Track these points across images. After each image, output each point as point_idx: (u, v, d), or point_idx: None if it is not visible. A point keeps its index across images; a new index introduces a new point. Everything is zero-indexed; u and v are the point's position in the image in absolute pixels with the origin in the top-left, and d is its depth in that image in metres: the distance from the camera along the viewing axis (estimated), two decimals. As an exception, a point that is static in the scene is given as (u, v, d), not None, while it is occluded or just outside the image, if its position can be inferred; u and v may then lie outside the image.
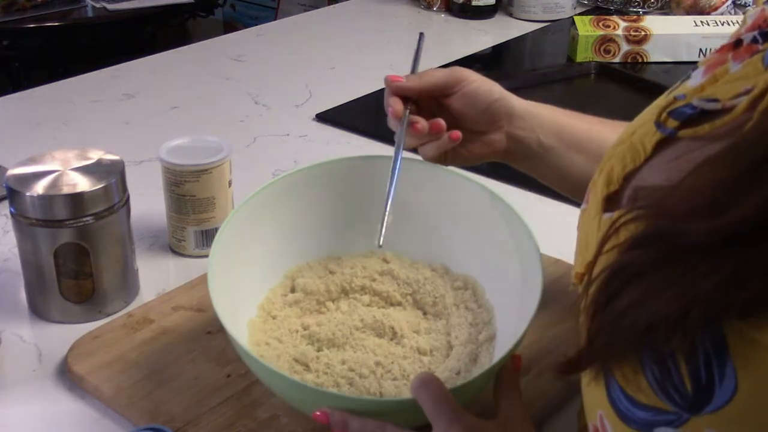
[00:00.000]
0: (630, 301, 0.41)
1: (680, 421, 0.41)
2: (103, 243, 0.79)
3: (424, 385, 0.57)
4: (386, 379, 0.67)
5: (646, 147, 0.51)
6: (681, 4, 1.71)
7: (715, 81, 0.50)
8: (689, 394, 0.41)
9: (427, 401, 0.56)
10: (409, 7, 1.83)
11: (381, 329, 0.72)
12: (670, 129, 0.50)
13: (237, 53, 1.54)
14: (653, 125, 0.51)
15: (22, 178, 0.78)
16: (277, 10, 3.02)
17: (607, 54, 1.50)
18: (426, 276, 0.77)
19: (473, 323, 0.73)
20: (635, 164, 0.51)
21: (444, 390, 0.56)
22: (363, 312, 0.74)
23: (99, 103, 1.31)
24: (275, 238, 0.76)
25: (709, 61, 0.53)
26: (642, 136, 0.52)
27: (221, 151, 0.90)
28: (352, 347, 0.70)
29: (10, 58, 2.33)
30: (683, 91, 0.52)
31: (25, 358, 0.77)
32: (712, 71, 0.51)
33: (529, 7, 1.74)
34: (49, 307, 0.81)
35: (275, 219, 0.76)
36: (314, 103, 1.32)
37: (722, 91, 0.48)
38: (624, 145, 0.53)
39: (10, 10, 2.29)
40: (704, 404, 0.40)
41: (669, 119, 0.50)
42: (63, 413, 0.71)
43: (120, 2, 2.41)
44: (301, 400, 0.63)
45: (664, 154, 0.50)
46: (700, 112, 0.49)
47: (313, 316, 0.75)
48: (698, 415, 0.40)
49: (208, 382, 0.71)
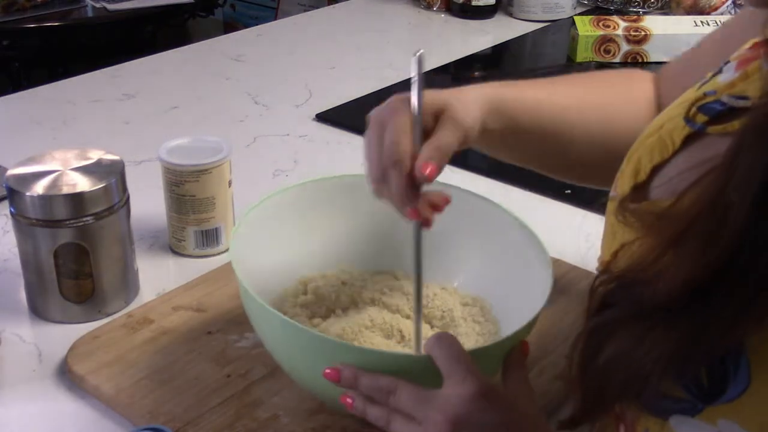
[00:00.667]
0: (610, 356, 0.43)
1: (695, 410, 0.43)
2: (103, 243, 0.79)
3: (439, 342, 0.56)
4: None
5: (675, 141, 0.51)
6: (681, 4, 1.71)
7: (747, 78, 0.50)
8: (705, 386, 0.42)
9: (441, 356, 0.55)
10: (409, 7, 1.83)
11: (389, 331, 0.72)
12: (700, 124, 0.50)
13: (237, 53, 1.54)
14: (682, 120, 0.51)
15: (22, 178, 0.78)
16: (277, 10, 3.02)
17: (607, 54, 1.50)
18: (435, 292, 0.77)
19: (480, 333, 0.73)
20: (663, 157, 0.52)
21: (460, 347, 0.56)
22: (372, 312, 0.74)
23: (99, 103, 1.31)
24: (294, 242, 0.76)
25: (741, 56, 0.53)
26: (671, 130, 0.52)
27: (221, 151, 0.90)
28: (359, 343, 0.70)
29: (10, 58, 2.33)
30: (714, 86, 0.52)
31: (25, 358, 0.77)
32: (744, 67, 0.51)
33: (529, 7, 1.74)
34: (49, 307, 0.81)
35: (297, 221, 0.76)
36: (314, 103, 1.31)
37: (753, 89, 0.48)
38: (653, 137, 0.53)
39: (10, 10, 2.29)
40: (719, 395, 0.41)
41: (698, 114, 0.50)
42: (63, 413, 0.71)
43: (120, 2, 2.41)
44: (313, 355, 0.61)
45: (693, 149, 0.50)
46: (729, 108, 0.49)
47: (322, 319, 0.75)
48: (713, 405, 0.42)
49: (208, 382, 0.71)
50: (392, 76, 1.42)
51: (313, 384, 0.64)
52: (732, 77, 0.51)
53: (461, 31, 1.72)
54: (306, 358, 0.62)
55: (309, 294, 0.76)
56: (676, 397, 0.43)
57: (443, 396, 0.54)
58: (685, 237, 0.41)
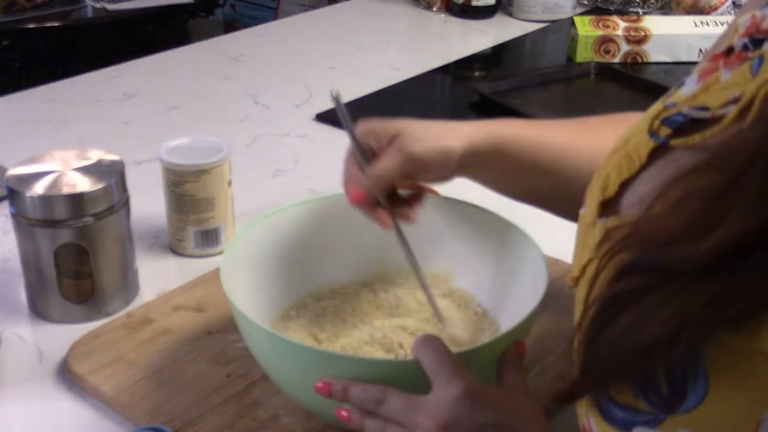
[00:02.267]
0: (626, 325, 0.42)
1: (657, 420, 0.43)
2: (103, 243, 0.79)
3: (424, 344, 0.55)
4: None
5: (641, 155, 0.51)
6: (681, 4, 1.71)
7: (707, 89, 0.50)
8: (664, 395, 0.42)
9: (427, 360, 0.55)
10: (409, 7, 1.83)
11: (390, 345, 0.70)
12: (663, 138, 0.50)
13: (237, 53, 1.54)
14: (647, 134, 0.51)
15: (22, 178, 0.78)
16: (277, 10, 3.02)
17: (607, 54, 1.50)
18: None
19: (476, 332, 0.73)
20: (630, 173, 0.52)
21: (445, 349, 0.55)
22: (372, 327, 0.73)
23: (99, 103, 1.31)
24: (285, 264, 0.76)
25: (702, 69, 0.53)
26: (636, 144, 0.52)
27: (221, 151, 0.90)
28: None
29: (10, 58, 2.34)
30: (675, 99, 0.52)
31: (25, 358, 0.77)
32: (704, 79, 0.51)
33: (529, 7, 1.74)
34: (49, 307, 0.81)
35: (289, 243, 0.76)
36: (314, 103, 1.31)
37: (713, 99, 0.48)
38: (619, 153, 0.53)
39: (10, 10, 2.29)
40: (678, 405, 0.42)
41: (662, 127, 0.51)
42: (63, 413, 0.71)
43: (120, 2, 2.41)
44: (303, 368, 0.61)
45: (659, 164, 0.50)
46: (691, 120, 0.49)
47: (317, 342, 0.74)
48: (673, 415, 0.42)
49: (208, 382, 0.71)
50: (392, 76, 1.42)
51: (309, 401, 0.63)
52: (693, 89, 0.51)
53: (461, 31, 1.72)
54: (296, 372, 0.62)
55: (308, 312, 0.75)
56: (638, 409, 0.43)
57: (431, 400, 0.54)
58: (733, 194, 0.40)
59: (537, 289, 0.65)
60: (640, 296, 0.42)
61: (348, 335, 0.72)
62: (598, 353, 0.44)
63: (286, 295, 0.76)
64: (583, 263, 0.52)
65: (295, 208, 0.76)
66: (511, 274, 0.73)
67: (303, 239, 0.76)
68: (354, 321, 0.74)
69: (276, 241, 0.75)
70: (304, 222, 0.76)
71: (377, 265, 0.79)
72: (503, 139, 0.69)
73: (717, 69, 0.51)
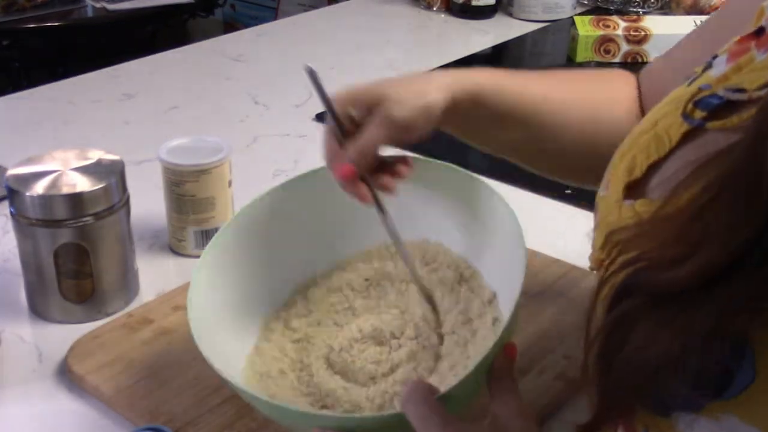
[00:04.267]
0: (635, 348, 0.41)
1: (698, 406, 0.42)
2: (103, 243, 0.79)
3: (409, 398, 0.53)
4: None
5: (672, 138, 0.51)
6: (681, 4, 1.71)
7: (740, 70, 0.50)
8: (709, 381, 0.41)
9: (414, 415, 0.52)
10: (409, 7, 1.83)
11: (381, 337, 0.69)
12: (698, 120, 0.49)
13: (237, 53, 1.54)
14: (680, 117, 0.51)
15: (22, 178, 0.78)
16: (277, 10, 3.02)
17: (607, 54, 1.50)
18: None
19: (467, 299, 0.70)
20: (659, 154, 0.51)
21: (431, 401, 0.52)
22: (359, 321, 0.71)
23: (99, 103, 1.31)
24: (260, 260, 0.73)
25: (730, 49, 0.52)
26: (667, 126, 0.51)
27: (221, 151, 0.90)
28: (353, 361, 0.68)
29: (10, 58, 2.34)
30: (707, 80, 0.52)
31: (25, 358, 0.77)
32: (735, 60, 0.50)
33: (529, 7, 1.74)
34: (49, 307, 0.81)
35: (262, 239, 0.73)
36: (314, 103, 1.31)
37: (748, 81, 0.48)
38: (647, 135, 0.53)
39: (10, 10, 2.29)
40: (723, 390, 0.40)
41: (696, 110, 0.50)
42: (63, 413, 0.71)
43: (120, 2, 2.41)
44: (292, 423, 0.60)
45: (691, 146, 0.50)
46: (727, 102, 0.48)
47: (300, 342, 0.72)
48: (716, 401, 0.41)
49: (208, 382, 0.71)
50: (392, 76, 1.42)
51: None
52: (724, 70, 0.51)
53: (461, 31, 1.72)
54: (291, 424, 0.61)
55: (291, 315, 0.73)
56: (679, 394, 0.42)
57: None
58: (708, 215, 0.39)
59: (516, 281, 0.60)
60: (640, 317, 0.41)
61: (337, 334, 0.70)
62: (617, 378, 0.43)
63: (267, 297, 0.73)
64: (609, 247, 0.51)
65: (260, 201, 0.73)
66: (489, 233, 0.69)
67: (275, 232, 0.73)
68: (341, 317, 0.73)
69: (248, 241, 0.72)
70: (272, 214, 0.73)
71: (356, 243, 0.76)
72: (482, 88, 0.68)
73: (748, 50, 0.50)
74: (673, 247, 0.41)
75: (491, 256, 0.69)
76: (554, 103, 0.71)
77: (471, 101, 0.67)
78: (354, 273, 0.75)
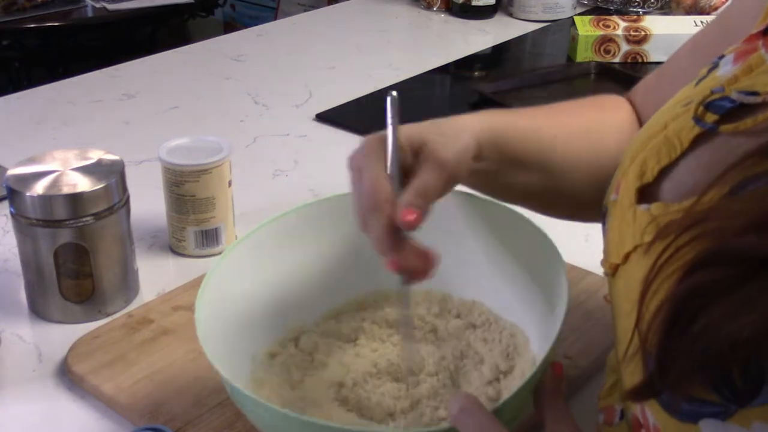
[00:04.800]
0: (708, 323, 0.39)
1: (727, 413, 0.41)
2: (103, 243, 0.79)
3: (465, 411, 0.48)
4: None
5: (683, 141, 0.50)
6: (681, 4, 1.71)
7: (750, 71, 0.49)
8: (738, 388, 0.40)
9: (471, 427, 0.48)
10: (409, 7, 1.83)
11: (397, 373, 0.65)
12: (710, 124, 0.49)
13: (237, 53, 1.54)
14: (691, 120, 0.50)
15: (22, 178, 0.78)
16: (277, 10, 3.02)
17: (607, 54, 1.50)
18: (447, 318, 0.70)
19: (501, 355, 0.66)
20: (671, 158, 0.51)
21: (488, 415, 0.48)
22: (374, 354, 0.68)
23: (99, 103, 1.31)
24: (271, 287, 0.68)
25: (737, 49, 0.52)
26: (678, 130, 0.51)
27: (221, 151, 0.90)
28: (367, 395, 0.63)
29: (10, 58, 2.34)
30: (714, 81, 0.51)
31: (25, 358, 0.77)
32: (743, 59, 0.50)
33: (529, 7, 1.74)
34: (49, 307, 0.81)
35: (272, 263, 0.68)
36: (314, 103, 1.32)
37: (761, 83, 0.47)
38: (657, 138, 0.52)
39: (10, 10, 2.29)
40: (753, 397, 0.39)
41: (707, 113, 0.49)
42: (63, 413, 0.71)
43: (120, 2, 2.41)
44: None
45: (703, 149, 0.49)
46: (740, 105, 0.48)
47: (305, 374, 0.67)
48: (746, 408, 0.40)
49: (208, 383, 0.71)
50: (392, 76, 1.42)
51: None
52: (733, 70, 0.50)
53: (461, 31, 1.72)
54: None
55: (299, 344, 0.69)
56: (707, 400, 0.41)
57: None
58: None
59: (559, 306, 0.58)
60: (722, 289, 0.39)
61: (347, 364, 0.67)
62: (678, 352, 0.40)
63: (269, 331, 0.68)
64: (627, 251, 0.50)
65: (275, 223, 0.68)
66: (528, 281, 0.66)
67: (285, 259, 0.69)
68: (349, 346, 0.69)
69: (256, 269, 0.67)
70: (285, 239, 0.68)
71: (369, 284, 0.71)
72: (499, 132, 0.64)
73: (756, 49, 0.50)
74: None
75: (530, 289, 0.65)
76: (565, 142, 0.67)
77: (491, 146, 0.63)
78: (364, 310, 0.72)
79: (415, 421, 0.61)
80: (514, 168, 0.65)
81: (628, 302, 0.50)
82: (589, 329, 0.77)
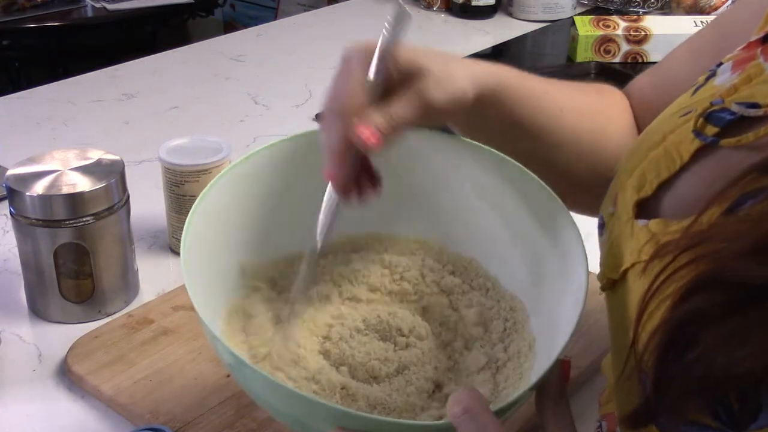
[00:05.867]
0: (703, 351, 0.38)
1: None
2: (103, 243, 0.79)
3: (467, 414, 0.46)
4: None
5: (683, 155, 0.49)
6: (681, 4, 1.71)
7: (749, 81, 0.48)
8: (735, 412, 0.39)
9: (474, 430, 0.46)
10: (409, 7, 1.82)
11: (386, 332, 0.63)
12: (711, 137, 0.48)
13: (237, 53, 1.54)
14: (691, 133, 0.49)
15: (22, 178, 0.78)
16: (277, 10, 3.02)
17: (607, 54, 1.50)
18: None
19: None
20: (670, 172, 0.49)
21: (492, 419, 0.46)
22: (363, 308, 0.65)
23: (99, 103, 1.31)
24: (250, 226, 0.64)
25: (736, 57, 0.51)
26: (677, 143, 0.49)
27: (221, 151, 0.90)
28: (351, 351, 0.61)
29: (10, 58, 2.34)
30: (712, 90, 0.50)
31: (25, 358, 0.77)
32: (741, 67, 0.49)
33: (529, 7, 1.74)
34: (49, 307, 0.81)
35: (250, 202, 0.64)
36: (314, 103, 1.31)
37: (761, 94, 0.46)
38: (656, 150, 0.51)
39: (10, 10, 2.29)
40: (750, 422, 0.39)
41: (707, 125, 0.48)
42: (63, 413, 0.71)
43: (120, 2, 2.41)
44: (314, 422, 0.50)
45: (703, 163, 0.48)
46: (740, 117, 0.47)
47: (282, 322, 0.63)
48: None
49: (208, 382, 0.71)
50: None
51: None
52: (731, 80, 0.49)
53: (461, 31, 1.72)
54: (305, 423, 0.51)
55: (279, 292, 0.65)
56: (703, 424, 0.40)
57: None
58: None
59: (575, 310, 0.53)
60: (717, 316, 0.38)
61: (336, 320, 0.64)
62: (674, 377, 0.39)
63: (255, 267, 0.64)
64: (625, 267, 0.49)
65: (257, 155, 0.64)
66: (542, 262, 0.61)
67: (271, 192, 0.65)
68: (335, 298, 0.66)
69: (239, 204, 0.63)
70: (266, 175, 0.64)
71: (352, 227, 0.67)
72: (504, 88, 0.61)
73: (754, 58, 0.49)
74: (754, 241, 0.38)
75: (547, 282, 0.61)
76: (571, 116, 0.65)
77: (492, 100, 0.61)
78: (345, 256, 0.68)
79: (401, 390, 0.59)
80: (510, 128, 0.63)
81: (624, 320, 0.49)
82: (589, 329, 0.77)
